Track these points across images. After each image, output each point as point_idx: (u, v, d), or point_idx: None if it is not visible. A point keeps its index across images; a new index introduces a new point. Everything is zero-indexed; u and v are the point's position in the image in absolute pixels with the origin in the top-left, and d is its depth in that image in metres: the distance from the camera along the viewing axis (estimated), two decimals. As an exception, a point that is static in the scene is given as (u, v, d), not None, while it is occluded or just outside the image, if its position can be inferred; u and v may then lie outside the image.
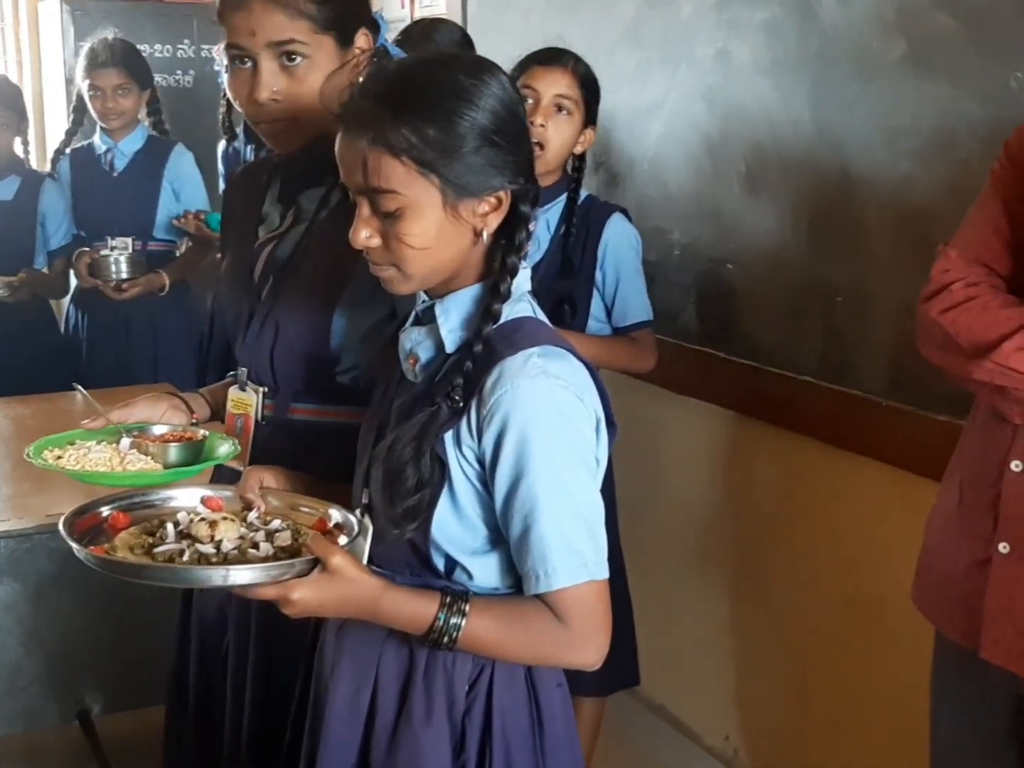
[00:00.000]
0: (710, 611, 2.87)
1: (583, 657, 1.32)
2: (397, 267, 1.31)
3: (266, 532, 1.37)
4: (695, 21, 2.69)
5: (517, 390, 1.26)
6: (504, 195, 1.31)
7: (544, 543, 1.26)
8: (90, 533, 1.36)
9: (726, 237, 2.67)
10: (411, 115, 1.25)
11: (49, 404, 3.03)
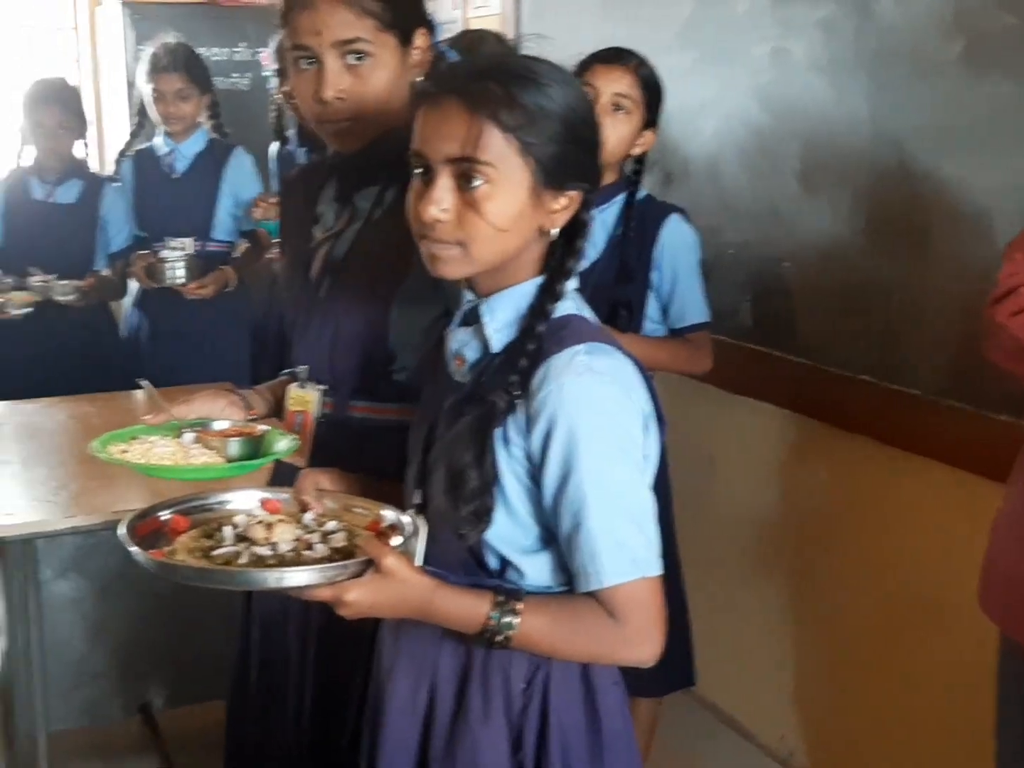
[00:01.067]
0: (766, 611, 2.86)
1: (638, 654, 1.31)
2: (463, 246, 1.29)
3: (321, 534, 1.38)
4: (750, 19, 2.68)
5: (563, 388, 1.26)
6: (577, 196, 1.32)
7: (593, 540, 1.26)
8: (151, 537, 1.38)
9: (782, 235, 2.66)
10: (522, 94, 1.26)
11: (112, 402, 3.08)
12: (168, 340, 3.68)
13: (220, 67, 4.42)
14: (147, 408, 1.73)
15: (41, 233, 3.55)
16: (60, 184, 3.60)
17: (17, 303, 3.45)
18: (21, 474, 2.52)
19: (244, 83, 4.66)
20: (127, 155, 3.74)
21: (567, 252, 1.34)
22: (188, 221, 3.63)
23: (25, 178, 3.61)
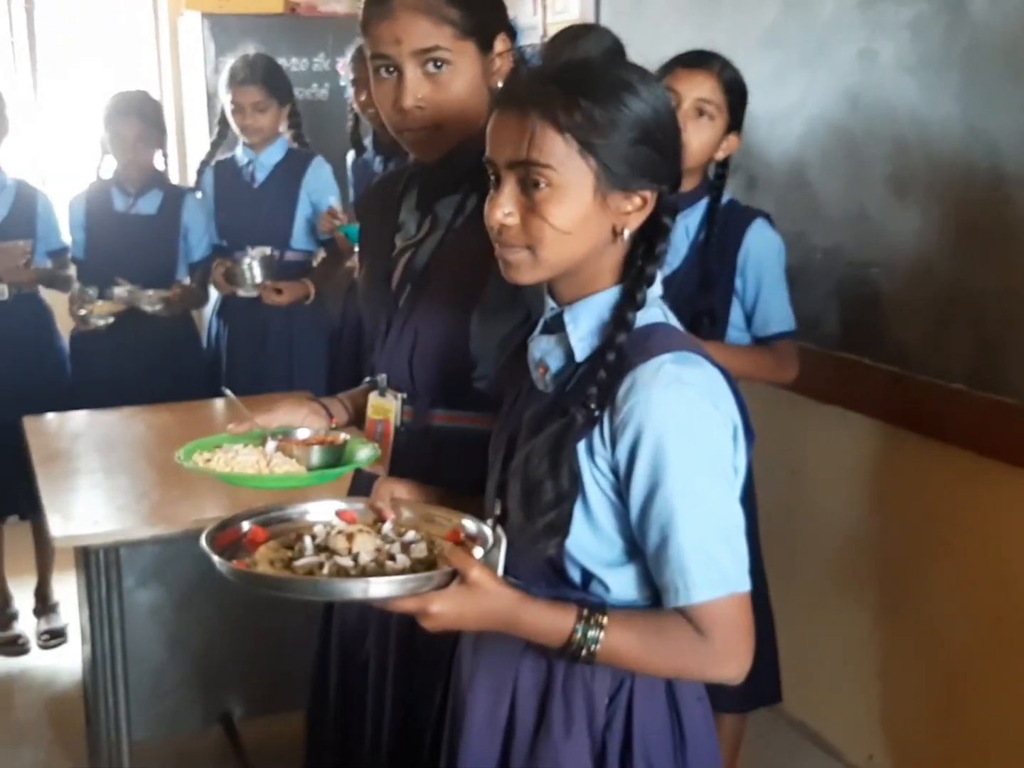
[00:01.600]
0: (853, 626, 2.79)
1: (725, 671, 1.28)
2: (531, 250, 1.28)
3: (401, 544, 1.37)
4: (837, 21, 2.63)
5: (651, 399, 1.23)
6: (651, 197, 1.29)
7: (682, 555, 1.24)
8: (231, 548, 1.38)
9: (870, 240, 2.60)
10: (581, 96, 1.24)
11: (193, 412, 3.11)
12: (246, 349, 3.71)
13: (299, 78, 4.44)
14: (229, 417, 1.73)
15: (123, 244, 3.60)
16: (141, 195, 3.64)
17: (101, 313, 3.50)
18: (104, 483, 2.55)
19: (322, 93, 4.69)
20: (208, 165, 3.78)
21: (647, 258, 1.31)
22: (267, 230, 3.66)
23: (106, 190, 3.67)
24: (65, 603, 3.78)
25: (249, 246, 3.60)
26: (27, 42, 4.84)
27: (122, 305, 3.51)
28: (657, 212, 1.30)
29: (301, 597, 1.30)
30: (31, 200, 3.70)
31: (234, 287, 3.62)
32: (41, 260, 3.68)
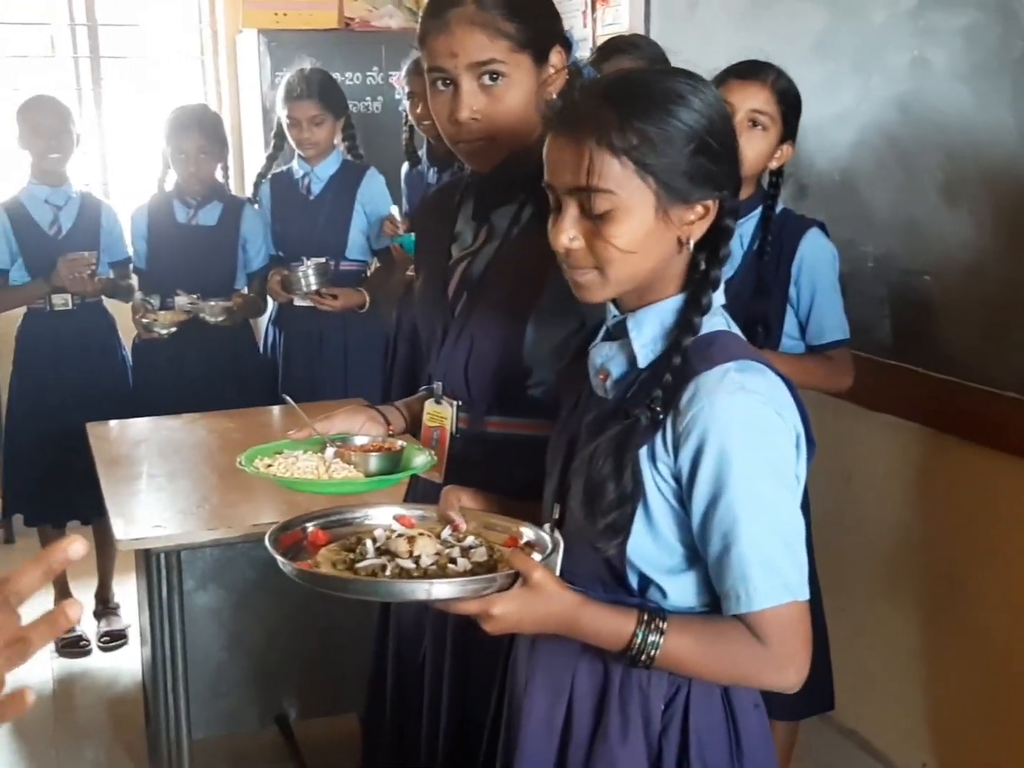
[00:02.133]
0: (905, 633, 2.78)
1: (783, 679, 1.29)
2: (599, 270, 1.30)
3: (461, 548, 1.39)
4: (888, 29, 2.63)
5: (715, 406, 1.24)
6: (712, 204, 1.30)
7: (744, 562, 1.24)
8: (292, 550, 1.41)
9: (922, 248, 2.59)
10: (634, 116, 1.26)
11: (252, 418, 3.16)
12: (302, 357, 3.76)
13: (353, 91, 4.50)
14: (286, 423, 1.77)
15: (184, 255, 3.67)
16: (202, 207, 3.71)
17: (164, 323, 3.57)
18: (166, 487, 2.60)
19: (376, 106, 4.74)
20: (265, 178, 3.85)
21: (710, 262, 1.33)
22: (323, 241, 3.71)
23: (168, 202, 3.74)
24: (125, 605, 3.85)
25: (305, 257, 3.66)
26: (91, 59, 4.94)
27: (184, 315, 3.58)
28: (719, 216, 1.32)
29: (365, 598, 1.33)
30: (95, 212, 3.79)
31: (290, 294, 3.67)
32: (104, 271, 3.76)
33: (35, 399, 3.73)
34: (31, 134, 3.62)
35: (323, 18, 4.67)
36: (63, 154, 3.67)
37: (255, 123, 4.71)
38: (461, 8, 1.60)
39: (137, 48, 5.06)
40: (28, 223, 3.67)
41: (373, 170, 3.77)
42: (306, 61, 3.73)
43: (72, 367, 3.71)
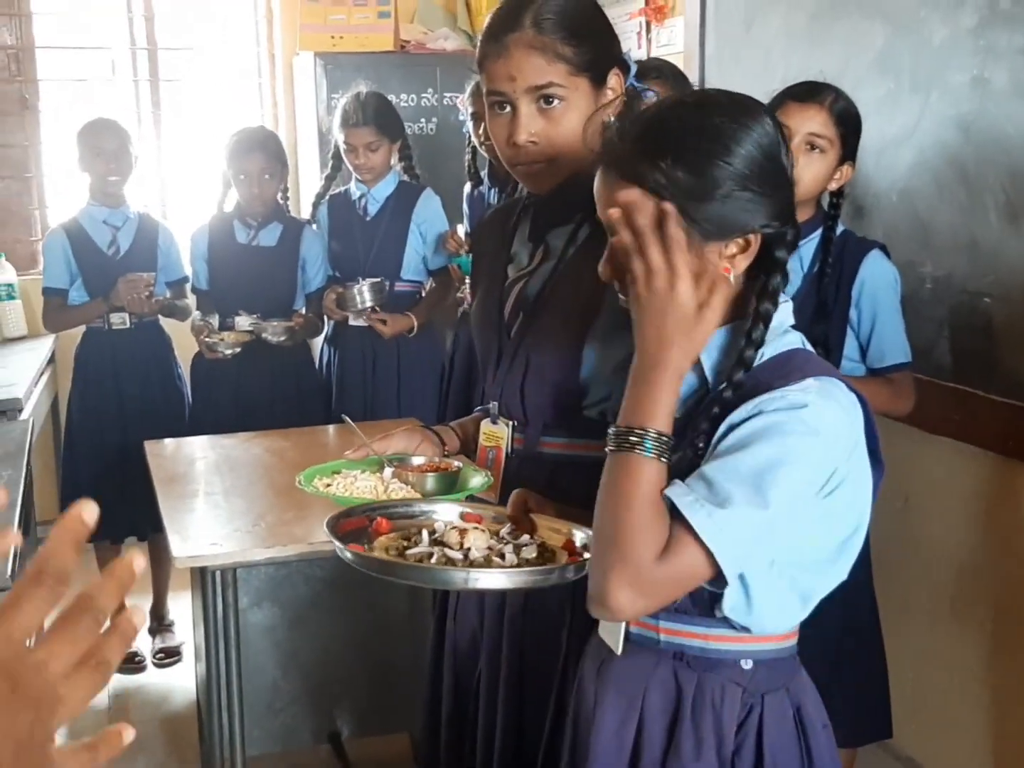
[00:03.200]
0: (966, 660, 2.73)
1: (626, 591, 1.21)
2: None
3: (514, 545, 1.42)
4: (949, 48, 2.61)
5: (785, 398, 1.24)
6: (754, 238, 1.30)
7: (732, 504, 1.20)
8: (355, 534, 1.47)
9: (983, 269, 2.56)
10: (664, 156, 1.27)
11: (308, 437, 3.18)
12: (356, 376, 3.79)
13: (408, 113, 4.53)
14: (342, 443, 1.79)
15: (244, 275, 3.71)
16: (262, 228, 3.75)
17: (229, 343, 3.61)
18: (223, 505, 2.62)
19: (431, 128, 4.77)
20: (323, 199, 3.88)
21: (760, 296, 1.32)
22: (379, 262, 3.73)
23: (228, 222, 3.78)
24: (180, 622, 3.88)
25: (361, 277, 3.69)
26: (150, 83, 5.03)
27: (248, 335, 3.62)
28: (769, 247, 1.31)
29: (404, 581, 1.43)
30: (153, 233, 3.84)
31: (344, 312, 3.70)
32: (160, 291, 3.81)
33: (94, 416, 3.79)
34: (91, 156, 3.68)
35: (379, 41, 4.72)
36: (122, 176, 3.73)
37: (311, 145, 4.76)
38: (519, 32, 1.60)
39: (195, 71, 5.13)
40: (87, 244, 3.74)
41: (429, 191, 3.80)
42: (362, 84, 3.76)
43: (129, 385, 3.77)
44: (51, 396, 4.40)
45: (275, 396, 3.71)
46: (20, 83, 4.78)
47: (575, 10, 1.64)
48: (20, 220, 4.85)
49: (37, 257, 4.77)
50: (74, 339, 3.88)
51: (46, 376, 4.19)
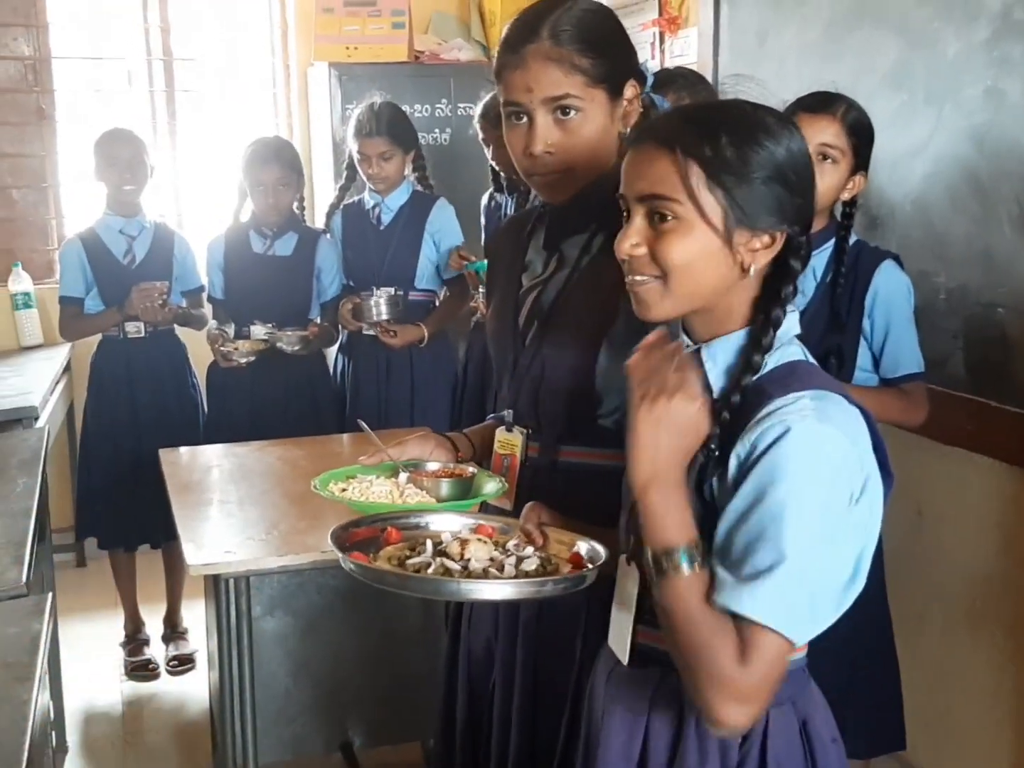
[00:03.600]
0: (980, 671, 2.72)
1: (740, 707, 1.20)
2: (661, 280, 1.31)
3: (517, 557, 1.43)
4: (962, 60, 2.61)
5: (784, 426, 1.22)
6: (779, 236, 1.31)
7: (762, 570, 1.19)
8: (365, 544, 1.49)
9: (997, 280, 2.56)
10: (714, 131, 1.28)
11: (321, 446, 3.19)
12: (370, 385, 3.80)
13: (422, 123, 4.55)
14: (355, 451, 1.79)
15: (260, 285, 3.72)
16: (278, 238, 3.77)
17: (244, 352, 3.63)
18: (237, 513, 2.63)
19: (445, 137, 4.79)
20: (337, 209, 3.90)
21: (772, 301, 1.32)
22: (393, 271, 3.75)
23: (244, 232, 3.80)
24: (193, 630, 3.89)
25: (375, 286, 3.70)
26: (166, 93, 5.05)
27: (262, 344, 3.63)
28: (786, 253, 1.32)
29: (397, 591, 1.41)
30: (169, 242, 3.86)
31: (360, 323, 3.71)
32: (176, 300, 3.83)
33: (109, 424, 3.80)
34: (107, 166, 3.70)
35: (393, 51, 4.73)
36: (138, 185, 3.75)
37: (325, 154, 4.78)
38: (536, 43, 1.61)
39: (211, 82, 5.16)
40: (103, 253, 3.76)
41: (443, 200, 3.81)
42: (376, 94, 3.78)
43: (144, 394, 3.78)
44: (67, 404, 4.42)
45: (289, 405, 3.72)
46: (37, 93, 4.81)
47: (593, 22, 1.65)
48: (36, 229, 4.88)
49: (53, 266, 4.80)
50: (90, 347, 3.90)
51: (62, 384, 4.21)
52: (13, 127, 4.78)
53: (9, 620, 1.85)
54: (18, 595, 1.95)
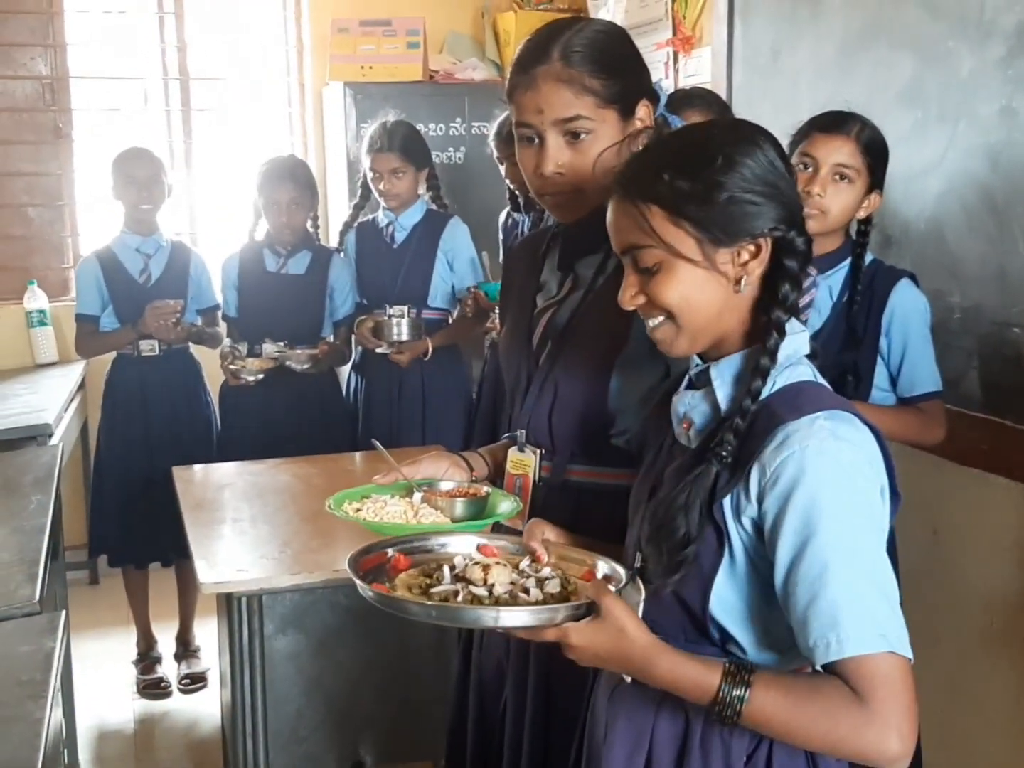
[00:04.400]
0: (996, 694, 2.70)
1: (884, 742, 1.17)
2: (671, 320, 1.33)
3: (536, 579, 1.41)
4: (977, 78, 2.61)
5: (805, 452, 1.23)
6: (764, 243, 1.31)
7: (836, 608, 1.19)
8: (373, 572, 1.45)
9: (1012, 299, 2.55)
10: (662, 167, 1.30)
11: (333, 464, 3.19)
12: (382, 404, 3.80)
13: (437, 142, 4.56)
14: (368, 469, 1.79)
15: (274, 303, 3.74)
16: (291, 256, 3.78)
17: (252, 369, 3.63)
18: (249, 531, 2.63)
19: (459, 156, 4.80)
20: (351, 227, 3.91)
21: (771, 303, 1.33)
22: (406, 289, 3.76)
23: (258, 251, 3.81)
24: (205, 648, 3.88)
25: (388, 304, 3.71)
26: (182, 112, 5.08)
27: (271, 362, 3.64)
28: (778, 255, 1.32)
29: (434, 622, 1.37)
30: (185, 261, 3.88)
31: (381, 340, 3.71)
32: (191, 318, 3.84)
33: (123, 442, 3.81)
34: (125, 184, 3.72)
35: (408, 71, 4.75)
36: (155, 204, 3.77)
37: (340, 173, 4.79)
38: (548, 65, 1.62)
39: (226, 101, 5.19)
40: (119, 271, 3.77)
41: (456, 219, 3.82)
42: (391, 113, 3.80)
43: (158, 411, 3.79)
44: (80, 422, 4.44)
45: (302, 423, 3.73)
46: (54, 112, 4.84)
47: (604, 42, 1.65)
48: (52, 247, 4.90)
49: (69, 284, 4.82)
50: (104, 365, 3.91)
51: (76, 402, 4.22)
52: (30, 146, 4.81)
53: (23, 638, 1.86)
54: (31, 613, 1.95)
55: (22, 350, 4.61)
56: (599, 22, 1.72)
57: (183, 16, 5.01)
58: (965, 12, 2.63)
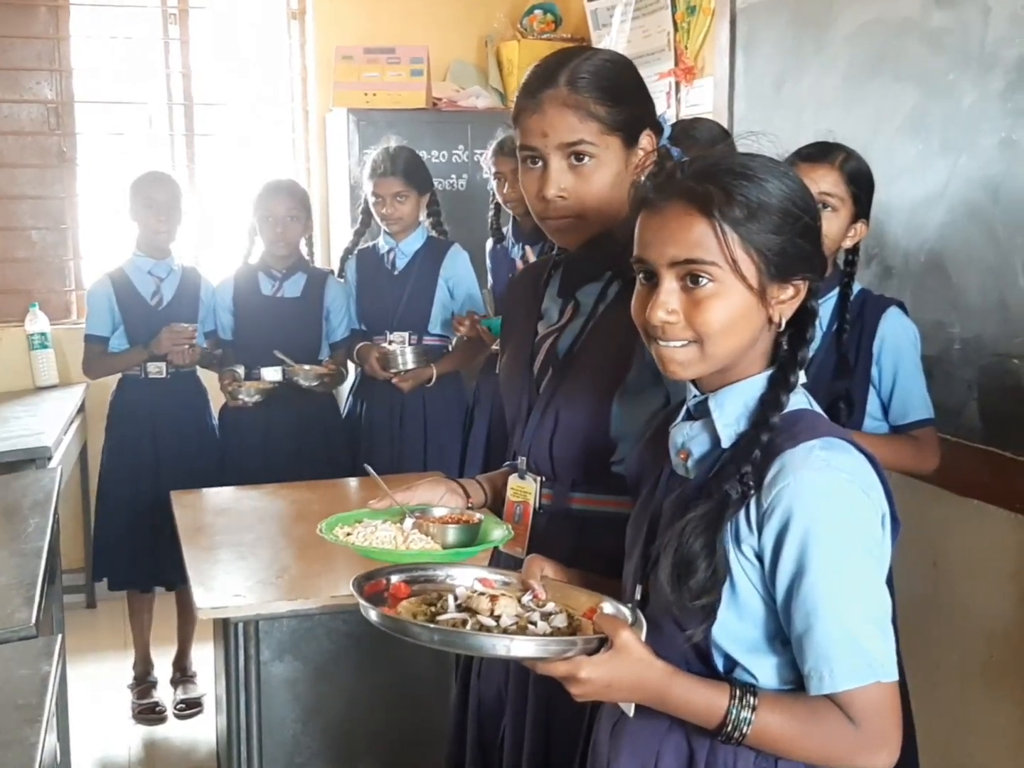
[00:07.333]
0: (998, 726, 2.68)
1: (875, 758, 1.27)
2: (699, 344, 1.30)
3: (541, 613, 1.40)
4: (978, 110, 2.62)
5: (801, 482, 1.24)
6: (803, 285, 1.32)
7: (828, 641, 1.24)
8: (373, 599, 1.44)
9: (1013, 331, 2.55)
10: (742, 191, 1.28)
11: (332, 489, 3.19)
12: (384, 429, 3.80)
13: (439, 169, 4.58)
14: (366, 494, 1.78)
15: (270, 326, 3.75)
16: (286, 279, 3.80)
17: (250, 391, 3.64)
18: (248, 556, 2.63)
19: (461, 184, 4.81)
20: (351, 254, 3.92)
21: (798, 342, 1.33)
22: (406, 316, 3.76)
23: (253, 274, 3.83)
24: (201, 673, 3.86)
25: (388, 331, 3.72)
26: (186, 137, 5.10)
27: (270, 384, 3.64)
28: (806, 298, 1.34)
29: (446, 648, 1.35)
30: (196, 285, 3.88)
31: (388, 369, 3.71)
32: (200, 341, 3.84)
33: (127, 465, 3.80)
34: (143, 207, 3.72)
35: (411, 98, 4.77)
36: (171, 229, 3.77)
37: (342, 199, 4.81)
38: (554, 89, 1.63)
39: (230, 126, 5.21)
40: (131, 293, 3.77)
41: (457, 246, 3.82)
42: (393, 139, 3.81)
43: (164, 434, 3.78)
44: (79, 445, 4.43)
45: (302, 446, 3.73)
46: (59, 136, 4.86)
47: (611, 71, 1.66)
48: (55, 271, 4.91)
49: (71, 307, 4.84)
50: (106, 388, 3.90)
51: (75, 425, 4.22)
52: (35, 169, 4.83)
53: (19, 662, 1.85)
54: (28, 636, 1.94)
55: (22, 373, 4.61)
56: (607, 52, 1.73)
57: (188, 42, 5.04)
58: (966, 46, 2.64)
